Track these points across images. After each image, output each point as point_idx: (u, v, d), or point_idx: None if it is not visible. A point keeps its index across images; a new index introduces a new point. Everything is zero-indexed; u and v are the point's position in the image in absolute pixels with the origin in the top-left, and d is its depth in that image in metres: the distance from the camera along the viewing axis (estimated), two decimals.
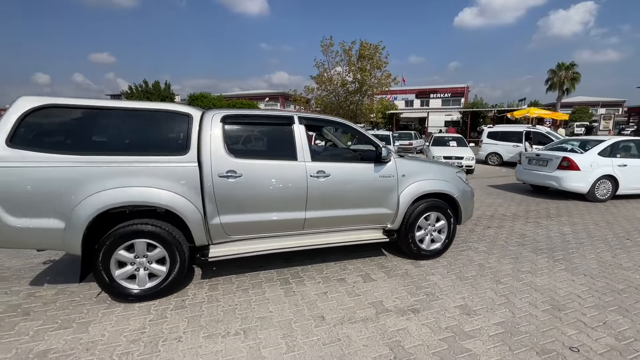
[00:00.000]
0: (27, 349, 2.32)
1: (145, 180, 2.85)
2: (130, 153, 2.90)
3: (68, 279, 3.40)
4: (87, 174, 2.73)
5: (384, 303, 2.95)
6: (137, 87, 37.91)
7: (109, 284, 2.86)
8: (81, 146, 2.85)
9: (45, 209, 2.70)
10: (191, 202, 2.96)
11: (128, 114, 3.07)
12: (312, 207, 3.39)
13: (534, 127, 14.21)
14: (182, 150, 3.00)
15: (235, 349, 2.33)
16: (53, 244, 2.81)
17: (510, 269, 3.68)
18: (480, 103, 37.51)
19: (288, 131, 3.43)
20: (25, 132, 2.71)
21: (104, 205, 2.73)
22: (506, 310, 2.85)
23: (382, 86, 17.96)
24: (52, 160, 2.69)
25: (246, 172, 3.12)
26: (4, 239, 2.72)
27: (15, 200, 2.64)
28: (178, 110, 3.11)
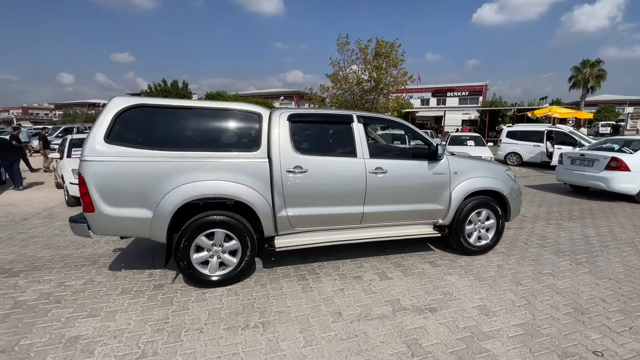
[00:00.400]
0: (60, 335, 2.45)
1: (223, 174, 3.08)
2: (209, 149, 3.13)
3: (98, 270, 3.57)
4: (172, 168, 2.98)
5: (401, 301, 2.96)
6: (156, 86, 38.84)
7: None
8: (167, 142, 3.10)
9: (137, 200, 2.96)
10: (262, 196, 3.18)
11: (206, 113, 3.33)
12: (369, 202, 3.53)
13: (556, 127, 13.75)
14: (254, 147, 3.21)
15: (254, 341, 2.39)
16: (142, 231, 3.07)
17: (530, 271, 3.60)
18: (499, 102, 36.55)
19: (347, 129, 3.59)
20: (119, 130, 2.98)
21: (187, 197, 2.98)
22: (526, 312, 2.80)
23: (398, 84, 17.75)
24: (143, 155, 2.95)
25: (311, 167, 3.30)
26: (101, 226, 3.02)
27: (111, 192, 2.91)
28: (250, 109, 3.33)
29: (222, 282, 3.19)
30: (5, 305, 2.86)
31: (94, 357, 2.22)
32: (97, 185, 2.88)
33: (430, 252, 4.11)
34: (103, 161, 2.88)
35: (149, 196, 2.95)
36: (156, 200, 2.95)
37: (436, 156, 3.70)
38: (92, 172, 2.87)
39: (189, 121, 3.26)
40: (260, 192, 3.16)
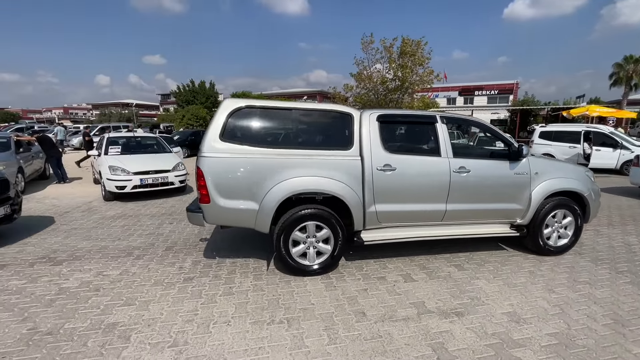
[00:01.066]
0: (99, 320, 2.62)
1: (320, 171, 3.30)
2: (308, 147, 3.40)
3: (133, 262, 3.76)
4: (277, 164, 3.23)
5: (426, 304, 2.91)
6: (184, 86, 40.24)
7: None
8: (272, 140, 3.41)
9: (246, 193, 3.22)
10: (354, 192, 3.36)
11: (305, 113, 3.58)
12: (452, 200, 3.65)
13: (595, 127, 12.94)
14: (347, 146, 3.42)
15: (279, 336, 2.44)
16: (248, 222, 3.32)
17: (565, 279, 3.43)
18: (531, 100, 34.85)
19: (432, 129, 3.73)
20: (231, 128, 3.27)
21: (290, 192, 3.21)
22: (560, 321, 2.67)
23: (424, 83, 17.37)
24: (252, 152, 3.22)
25: (399, 166, 3.46)
26: (214, 216, 3.31)
27: (225, 185, 3.19)
28: (343, 110, 3.55)
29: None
30: (51, 290, 3.08)
31: (130, 343, 2.35)
32: (213, 179, 3.16)
33: (457, 256, 4.01)
34: (219, 157, 3.17)
35: (256, 190, 3.21)
36: (262, 194, 3.21)
37: (518, 156, 3.76)
38: (209, 167, 3.15)
39: (290, 121, 3.52)
40: (352, 188, 3.35)
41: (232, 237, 4.58)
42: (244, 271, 3.53)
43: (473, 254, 4.07)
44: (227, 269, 3.59)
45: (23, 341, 2.36)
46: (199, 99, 39.49)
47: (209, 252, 4.11)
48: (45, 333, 2.45)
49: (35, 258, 3.85)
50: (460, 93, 45.99)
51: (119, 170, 6.73)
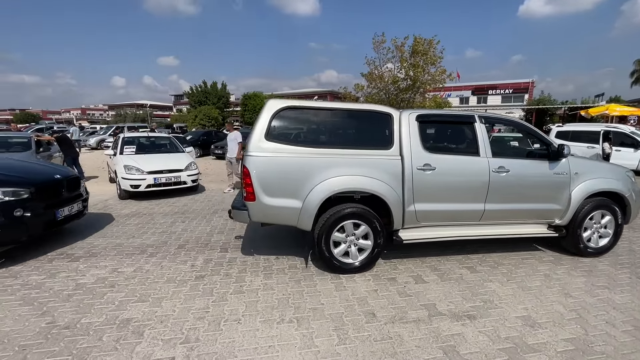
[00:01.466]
0: (114, 316, 2.68)
1: (362, 170, 3.35)
2: (349, 146, 3.43)
3: (146, 259, 3.84)
4: (320, 163, 3.30)
5: (437, 306, 2.87)
6: (197, 87, 40.84)
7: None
8: (314, 140, 3.50)
9: (290, 191, 3.29)
10: (394, 191, 3.40)
11: (345, 113, 3.62)
12: (491, 200, 3.65)
13: (615, 126, 12.52)
14: (387, 145, 3.46)
15: (289, 335, 2.45)
16: (291, 220, 3.38)
17: (582, 283, 3.33)
18: (547, 99, 33.98)
19: (471, 129, 3.75)
20: (275, 128, 3.35)
21: (333, 190, 3.28)
22: (577, 326, 2.60)
23: (436, 83, 17.15)
24: (296, 151, 3.31)
25: (439, 165, 3.48)
26: (259, 214, 3.38)
27: (270, 183, 3.27)
28: (382, 110, 3.58)
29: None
30: (69, 286, 3.18)
31: (144, 338, 2.40)
32: (259, 178, 3.25)
33: (469, 257, 3.94)
34: (264, 156, 3.25)
35: (299, 188, 3.28)
36: (305, 192, 3.27)
37: (558, 156, 3.74)
38: (255, 165, 3.24)
39: (331, 121, 3.57)
40: (393, 187, 3.39)
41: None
42: (254, 270, 3.56)
43: (486, 256, 3.99)
44: (238, 267, 3.62)
45: (42, 334, 2.44)
46: (211, 99, 40.00)
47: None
48: (63, 327, 2.52)
49: (53, 254, 3.97)
50: (473, 92, 45.22)
51: (133, 169, 6.89)
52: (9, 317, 2.66)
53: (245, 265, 3.69)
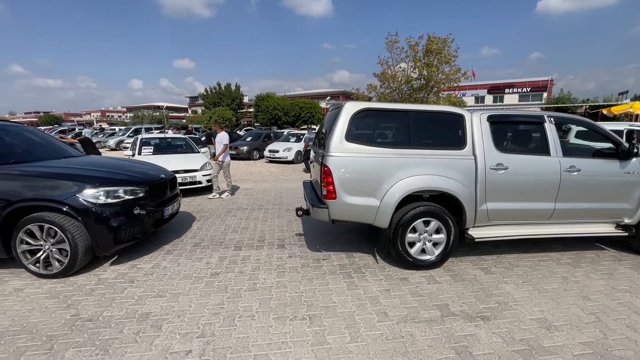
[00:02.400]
0: (134, 310, 2.79)
1: (436, 169, 3.45)
2: (424, 147, 3.52)
3: (164, 257, 3.96)
4: (396, 163, 3.41)
5: (450, 307, 2.85)
6: (211, 89, 41.56)
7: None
8: (390, 141, 3.60)
9: (368, 190, 3.41)
10: (468, 190, 3.49)
11: (419, 114, 3.66)
12: (561, 199, 3.70)
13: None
14: (461, 145, 3.55)
15: (302, 332, 2.49)
16: (368, 218, 3.48)
17: (601, 286, 3.24)
18: (567, 98, 32.94)
19: (541, 129, 3.80)
20: (354, 130, 3.47)
21: (409, 190, 3.39)
22: (596, 330, 2.54)
23: (451, 82, 16.92)
24: (374, 152, 3.42)
25: (511, 165, 3.56)
26: (338, 212, 3.48)
27: (350, 183, 3.39)
28: (454, 111, 3.68)
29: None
30: (91, 281, 3.31)
31: (162, 332, 2.49)
32: (339, 177, 3.37)
33: (483, 259, 3.89)
34: (344, 157, 3.37)
35: (377, 187, 3.40)
36: (383, 192, 3.39)
37: (629, 156, 3.76)
38: (336, 165, 3.36)
39: (406, 122, 3.62)
40: (466, 186, 3.48)
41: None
42: (267, 268, 3.62)
43: (501, 257, 3.93)
44: (252, 265, 3.69)
45: (67, 326, 2.56)
46: (225, 100, 40.61)
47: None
48: (87, 319, 2.64)
49: None
50: (489, 91, 44.27)
51: None
52: (36, 309, 2.80)
53: (258, 263, 3.76)
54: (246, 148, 15.94)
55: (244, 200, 7.08)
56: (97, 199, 3.42)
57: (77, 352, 2.27)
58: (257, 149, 16.21)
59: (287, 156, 14.04)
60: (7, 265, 3.62)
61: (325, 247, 4.26)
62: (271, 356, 2.24)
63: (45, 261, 3.32)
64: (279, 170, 12.55)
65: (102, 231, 3.41)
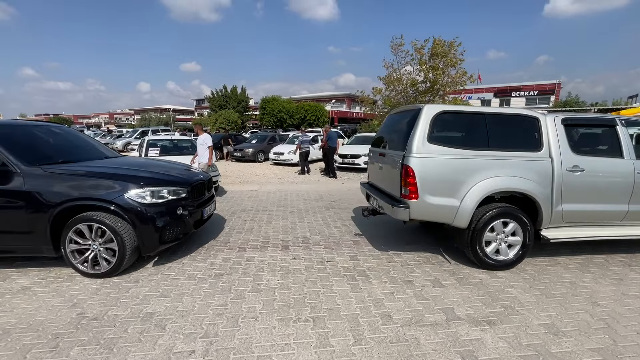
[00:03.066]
0: (138, 310, 2.80)
1: (514, 171, 3.53)
2: (502, 149, 3.59)
3: (169, 257, 3.98)
4: (476, 165, 3.50)
5: (455, 310, 2.82)
6: (217, 92, 41.89)
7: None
8: (469, 142, 3.63)
9: (449, 191, 3.51)
10: (544, 191, 3.55)
11: (496, 117, 3.75)
12: (635, 201, 3.74)
13: None
14: (537, 147, 3.62)
15: (305, 334, 2.48)
16: (447, 218, 3.57)
17: (611, 291, 3.18)
18: (574, 101, 32.63)
19: (613, 132, 3.85)
20: (435, 132, 3.56)
21: (489, 191, 3.47)
22: (605, 336, 2.48)
23: (456, 85, 16.83)
24: (455, 153, 3.52)
25: (587, 167, 3.63)
26: (419, 211, 3.56)
27: (431, 183, 3.48)
28: (529, 114, 3.74)
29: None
30: (97, 281, 3.34)
31: (166, 332, 2.49)
32: (421, 177, 3.46)
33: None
34: (427, 158, 3.47)
35: (458, 188, 3.49)
36: (463, 192, 3.48)
37: None
38: (418, 166, 3.45)
39: (483, 124, 3.69)
40: (543, 188, 3.55)
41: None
42: (271, 270, 3.61)
43: None
44: (256, 267, 3.69)
45: (73, 324, 2.58)
46: (231, 103, 40.90)
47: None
48: (92, 318, 2.66)
49: None
50: (495, 94, 44.01)
51: None
52: (43, 307, 2.83)
53: (262, 264, 3.76)
54: (251, 150, 16.02)
55: (249, 202, 7.09)
56: (143, 199, 3.43)
57: (82, 350, 2.28)
58: (262, 151, 16.27)
59: (292, 158, 14.07)
60: (15, 264, 3.68)
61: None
62: (274, 358, 2.23)
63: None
64: (284, 172, 12.58)
65: (148, 231, 3.42)
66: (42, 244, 3.30)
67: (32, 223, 3.24)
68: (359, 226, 5.30)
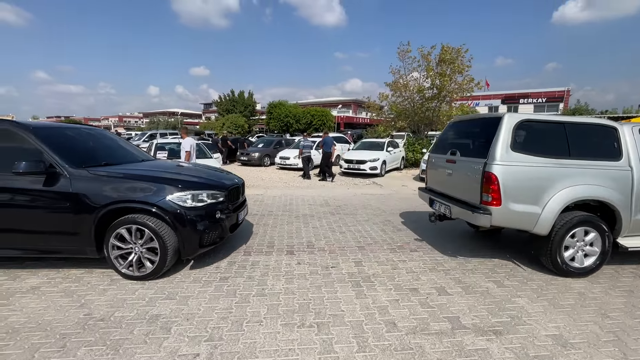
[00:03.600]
0: (144, 312, 2.83)
1: (595, 179, 3.60)
2: (582, 157, 3.65)
3: None
4: (558, 173, 3.57)
5: (461, 319, 2.79)
6: (225, 96, 42.35)
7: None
8: (550, 151, 3.67)
9: (531, 198, 3.57)
10: (624, 200, 3.62)
11: (575, 126, 3.80)
12: None
13: None
14: (617, 157, 3.71)
15: (309, 340, 2.48)
16: (528, 225, 3.61)
17: (621, 303, 3.12)
18: (583, 109, 32.27)
19: None
20: (517, 140, 3.65)
21: (572, 199, 3.54)
22: (615, 349, 2.43)
23: (464, 91, 16.80)
24: (536, 161, 3.59)
25: None
26: (500, 218, 3.61)
27: (514, 190, 3.55)
28: (608, 124, 3.82)
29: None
30: (104, 281, 3.38)
31: (171, 334, 2.51)
32: (504, 185, 3.52)
33: (495, 271, 3.80)
34: (510, 165, 3.54)
35: (540, 195, 3.55)
36: (545, 200, 3.54)
37: None
38: (502, 173, 3.52)
39: (563, 133, 3.74)
40: (623, 196, 3.62)
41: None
42: (276, 274, 3.62)
43: (514, 270, 3.84)
44: (261, 271, 3.71)
45: (80, 325, 2.61)
46: (238, 107, 41.28)
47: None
48: (99, 319, 2.69)
49: None
50: (503, 101, 43.75)
51: None
52: (51, 307, 2.87)
53: (267, 269, 3.77)
54: (257, 154, 16.12)
55: (254, 206, 7.13)
56: (184, 202, 3.44)
57: (89, 350, 2.31)
58: (268, 156, 16.36)
59: (298, 163, 14.11)
60: (25, 264, 3.74)
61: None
62: None
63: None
64: (290, 177, 12.62)
65: (189, 234, 3.42)
66: (87, 246, 3.34)
67: (78, 224, 3.28)
68: (361, 231, 5.29)
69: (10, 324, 2.62)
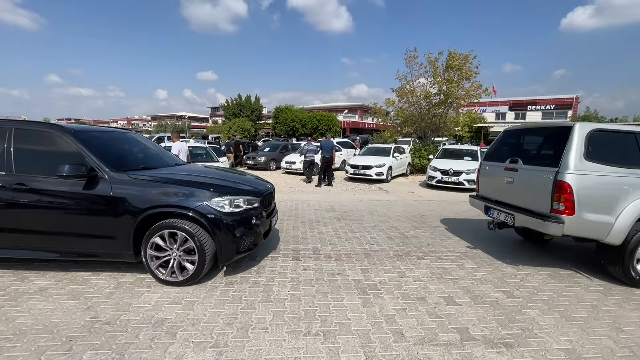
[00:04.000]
0: (150, 315, 2.82)
1: None
2: None
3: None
4: (632, 183, 3.60)
5: (470, 330, 2.73)
6: (232, 100, 42.71)
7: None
8: (623, 160, 3.71)
9: (605, 208, 3.58)
10: None
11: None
12: None
13: None
14: None
15: (315, 348, 2.44)
16: (600, 234, 3.62)
17: (637, 317, 3.03)
18: (593, 116, 31.87)
19: None
20: (590, 149, 3.65)
21: None
22: None
23: (471, 98, 16.72)
24: (610, 171, 3.62)
25: None
26: (573, 227, 3.61)
27: (588, 200, 3.56)
28: None
29: None
30: (111, 284, 3.39)
31: (176, 340, 2.49)
32: (578, 194, 3.54)
33: (505, 281, 3.73)
34: (583, 174, 3.56)
35: (613, 205, 3.57)
36: (619, 209, 3.55)
37: None
38: (576, 183, 3.54)
39: (635, 143, 3.77)
40: None
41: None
42: (281, 280, 3.60)
43: (524, 280, 3.76)
44: (266, 276, 3.68)
45: (86, 328, 2.61)
46: (245, 111, 41.58)
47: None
48: (105, 322, 2.69)
49: None
50: (510, 108, 43.46)
51: None
52: (58, 309, 2.88)
53: (273, 274, 3.74)
54: (263, 159, 16.18)
55: None
56: (222, 207, 3.41)
57: (95, 354, 2.30)
58: (275, 160, 16.41)
59: None
60: (33, 266, 3.77)
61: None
62: None
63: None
64: (295, 181, 12.63)
65: (227, 240, 3.39)
66: (124, 250, 3.34)
67: (116, 228, 3.29)
68: (368, 238, 5.24)
69: (18, 325, 2.63)
